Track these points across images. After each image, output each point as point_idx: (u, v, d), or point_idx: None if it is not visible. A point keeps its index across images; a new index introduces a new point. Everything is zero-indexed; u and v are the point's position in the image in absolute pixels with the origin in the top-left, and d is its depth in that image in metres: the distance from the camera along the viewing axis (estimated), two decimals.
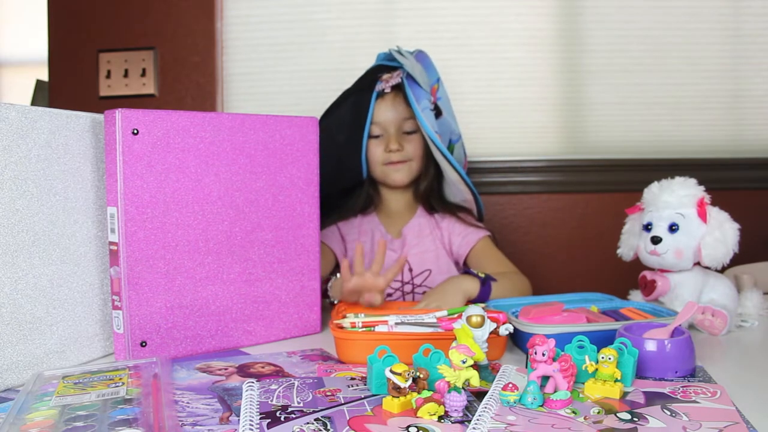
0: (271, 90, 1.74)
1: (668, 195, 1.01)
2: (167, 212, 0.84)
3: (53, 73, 1.75)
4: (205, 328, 0.89)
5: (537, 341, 0.69)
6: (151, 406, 0.64)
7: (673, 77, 1.72)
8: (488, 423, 0.61)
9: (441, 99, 1.30)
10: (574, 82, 1.73)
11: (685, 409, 0.65)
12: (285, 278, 0.96)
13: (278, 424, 0.61)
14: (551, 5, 1.71)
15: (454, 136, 1.32)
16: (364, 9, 1.72)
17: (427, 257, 1.28)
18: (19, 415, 0.62)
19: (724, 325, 0.96)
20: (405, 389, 0.64)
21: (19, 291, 0.75)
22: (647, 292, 1.03)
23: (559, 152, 1.73)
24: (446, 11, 1.71)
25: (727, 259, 0.99)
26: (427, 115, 1.20)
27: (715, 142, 1.73)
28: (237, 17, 1.73)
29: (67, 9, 1.73)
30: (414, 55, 1.27)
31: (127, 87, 1.73)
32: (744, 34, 1.72)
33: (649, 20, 1.71)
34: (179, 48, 1.72)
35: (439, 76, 1.31)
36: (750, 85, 1.73)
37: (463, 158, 1.37)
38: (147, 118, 0.82)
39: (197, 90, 1.72)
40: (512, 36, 1.71)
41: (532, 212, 1.73)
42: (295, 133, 0.96)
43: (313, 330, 1.00)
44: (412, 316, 0.92)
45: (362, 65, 1.36)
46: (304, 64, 1.73)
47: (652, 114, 1.73)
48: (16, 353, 0.75)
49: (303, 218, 0.97)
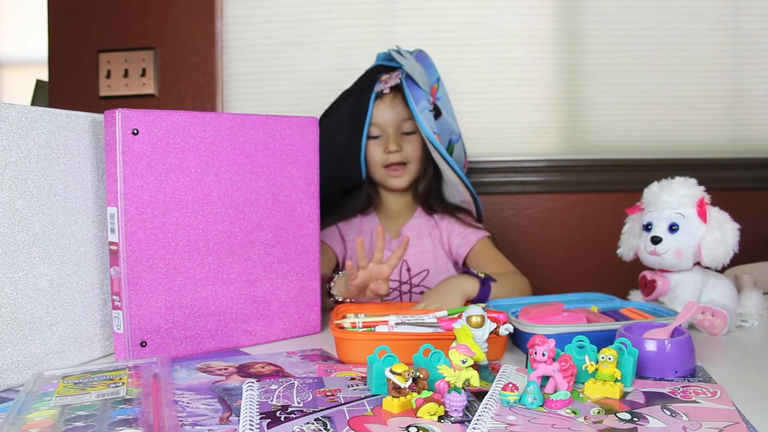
0: (271, 90, 1.74)
1: (668, 195, 1.01)
2: (167, 212, 0.84)
3: (53, 73, 1.75)
4: (205, 328, 0.89)
5: (537, 341, 0.69)
6: (151, 406, 0.64)
7: (673, 77, 1.72)
8: (488, 423, 0.61)
9: (441, 99, 1.30)
10: (574, 82, 1.73)
11: (685, 409, 0.65)
12: (285, 278, 0.96)
13: (278, 424, 0.61)
14: (551, 5, 1.71)
15: (453, 136, 1.32)
16: (364, 9, 1.72)
17: (425, 257, 1.28)
18: (19, 415, 0.62)
19: (724, 325, 0.96)
20: (405, 389, 0.64)
21: (19, 291, 0.75)
22: (647, 292, 1.02)
23: (559, 152, 1.73)
24: (446, 11, 1.71)
25: (727, 259, 0.99)
26: (425, 116, 1.20)
27: (715, 142, 1.73)
28: (237, 17, 1.74)
29: (67, 9, 1.73)
30: (414, 55, 1.27)
31: (127, 87, 1.73)
32: (744, 34, 1.72)
33: (649, 20, 1.71)
34: (179, 48, 1.72)
35: (439, 76, 1.31)
36: (750, 85, 1.73)
37: (462, 158, 1.37)
38: (147, 118, 0.82)
39: (197, 90, 1.73)
40: (512, 36, 1.71)
41: (532, 212, 1.73)
42: (295, 133, 0.96)
43: (313, 330, 1.00)
44: (412, 317, 0.92)
45: (362, 65, 1.36)
46: (304, 64, 1.73)
47: (652, 114, 1.73)
48: (16, 353, 0.75)
49: (303, 218, 0.97)
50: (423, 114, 1.19)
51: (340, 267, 1.30)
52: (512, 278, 1.19)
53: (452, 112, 1.33)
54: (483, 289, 1.08)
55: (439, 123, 1.26)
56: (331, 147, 1.21)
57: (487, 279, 1.10)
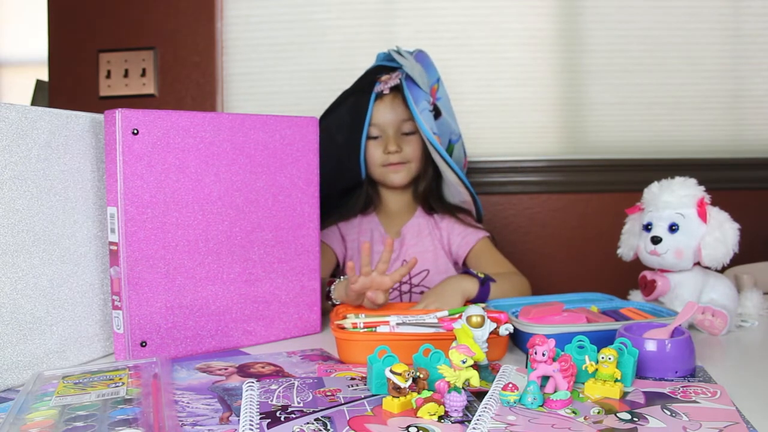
0: (271, 90, 1.74)
1: (668, 195, 1.01)
2: (167, 212, 0.84)
3: (53, 73, 1.75)
4: (205, 328, 0.89)
5: (537, 341, 0.69)
6: (151, 406, 0.64)
7: (673, 77, 1.72)
8: (488, 423, 0.61)
9: (441, 99, 1.29)
10: (574, 82, 1.73)
11: (685, 409, 0.65)
12: (285, 278, 0.96)
13: (278, 424, 0.61)
14: (551, 5, 1.71)
15: (453, 137, 1.32)
16: (364, 9, 1.72)
17: (425, 257, 1.28)
18: (19, 415, 0.62)
19: (724, 325, 0.96)
20: (405, 389, 0.64)
21: (19, 291, 0.75)
22: (647, 292, 1.03)
23: (559, 152, 1.73)
24: (446, 11, 1.71)
25: (727, 259, 0.99)
26: (425, 117, 1.20)
27: (715, 142, 1.73)
28: (237, 17, 1.73)
29: (67, 9, 1.73)
30: (414, 55, 1.27)
31: (127, 87, 1.73)
32: (744, 34, 1.72)
33: (649, 20, 1.71)
34: (179, 48, 1.72)
35: (439, 76, 1.30)
36: (750, 85, 1.73)
37: (462, 158, 1.37)
38: (147, 118, 0.82)
39: (197, 90, 1.72)
40: (512, 36, 1.71)
41: (532, 212, 1.73)
42: (295, 133, 0.96)
43: (313, 330, 1.00)
44: (413, 317, 0.92)
45: (362, 65, 1.36)
46: (304, 64, 1.73)
47: (652, 114, 1.73)
48: (16, 353, 0.75)
49: (303, 218, 0.97)
50: (423, 114, 1.19)
51: (340, 267, 1.29)
52: (512, 278, 1.19)
53: (452, 113, 1.33)
54: (482, 289, 1.08)
55: (439, 123, 1.26)
56: (331, 147, 1.21)
57: (486, 279, 1.09)
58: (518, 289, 1.17)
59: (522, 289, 1.18)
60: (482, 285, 1.08)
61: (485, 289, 1.09)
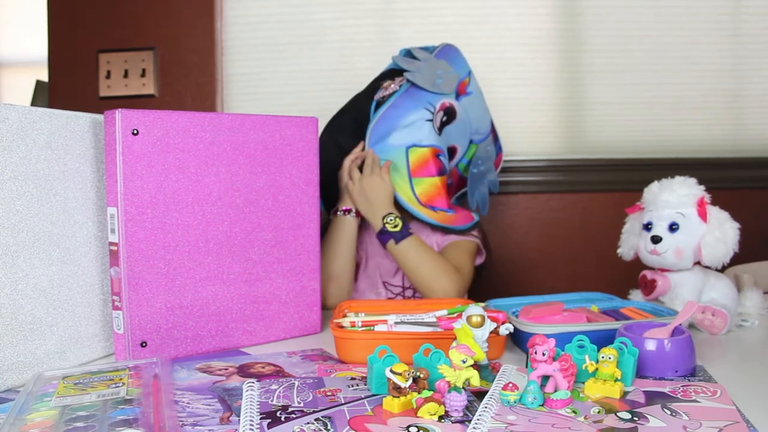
0: (271, 90, 1.74)
1: (668, 194, 1.01)
2: (167, 212, 0.84)
3: (53, 73, 1.75)
4: (206, 328, 0.89)
5: (537, 341, 0.69)
6: (152, 407, 0.64)
7: (673, 77, 1.72)
8: (488, 423, 0.61)
9: (472, 93, 1.26)
10: (574, 82, 1.73)
11: (686, 408, 0.65)
12: (285, 278, 0.96)
13: (278, 424, 0.61)
14: (551, 5, 1.71)
15: (476, 136, 1.28)
16: (364, 9, 1.72)
17: None
18: (19, 416, 0.62)
19: (724, 325, 0.96)
20: (405, 389, 0.64)
21: (19, 291, 0.75)
22: (647, 291, 1.02)
23: (559, 152, 1.73)
24: (446, 11, 1.71)
25: (728, 258, 0.99)
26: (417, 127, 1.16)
27: (714, 142, 1.74)
28: (237, 17, 1.74)
29: (67, 9, 1.73)
30: (438, 51, 1.23)
31: (127, 87, 1.73)
32: (744, 34, 1.72)
33: (649, 20, 1.71)
34: (179, 48, 1.72)
35: (470, 70, 1.26)
36: (750, 84, 1.73)
37: (493, 156, 1.32)
38: (147, 119, 0.82)
39: (197, 90, 1.73)
40: (512, 36, 1.71)
41: (532, 212, 1.73)
42: (295, 133, 0.96)
43: (313, 330, 1.00)
44: (411, 316, 0.92)
45: (362, 65, 1.36)
46: (304, 64, 1.73)
47: (652, 114, 1.73)
48: (17, 354, 0.75)
49: (303, 218, 0.97)
50: (414, 125, 1.16)
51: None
52: (443, 263, 1.16)
53: (483, 107, 1.29)
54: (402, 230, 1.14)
55: (449, 129, 1.22)
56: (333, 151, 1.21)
57: (404, 227, 1.14)
58: (437, 270, 1.14)
59: (440, 273, 1.14)
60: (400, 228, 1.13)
61: (402, 232, 1.14)
